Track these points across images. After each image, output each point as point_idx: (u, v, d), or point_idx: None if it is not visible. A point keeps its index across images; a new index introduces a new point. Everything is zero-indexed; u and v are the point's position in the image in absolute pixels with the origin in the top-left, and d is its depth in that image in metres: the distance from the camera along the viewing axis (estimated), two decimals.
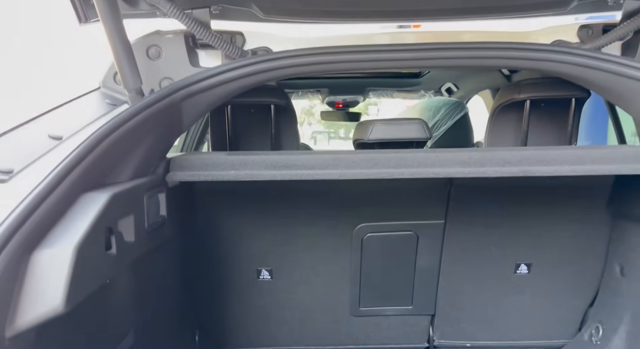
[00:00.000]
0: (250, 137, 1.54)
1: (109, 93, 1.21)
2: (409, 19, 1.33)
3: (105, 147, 0.88)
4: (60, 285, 0.63)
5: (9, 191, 0.73)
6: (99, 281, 0.77)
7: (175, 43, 1.25)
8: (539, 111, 1.48)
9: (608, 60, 1.14)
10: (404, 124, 1.53)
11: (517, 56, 1.20)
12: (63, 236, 0.68)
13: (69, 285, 0.63)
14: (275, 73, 1.23)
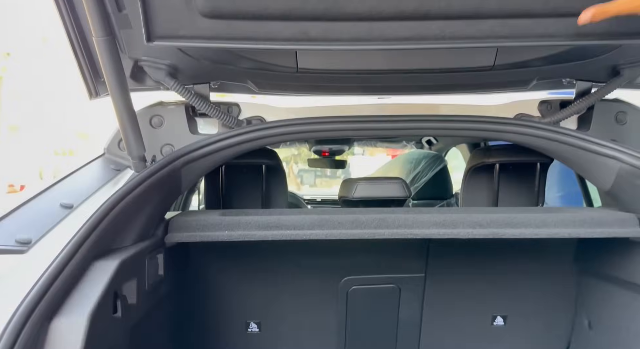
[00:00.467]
0: (242, 194, 1.64)
1: (113, 159, 1.31)
2: (387, 92, 1.48)
3: (113, 216, 0.96)
4: None
5: (28, 262, 0.81)
6: (106, 345, 0.84)
7: (176, 113, 1.37)
8: (508, 173, 1.62)
9: (563, 133, 1.28)
10: (385, 184, 1.65)
11: (485, 128, 1.35)
12: (78, 304, 0.76)
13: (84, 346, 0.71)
14: (268, 140, 1.35)
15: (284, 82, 1.42)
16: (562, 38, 1.07)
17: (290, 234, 1.21)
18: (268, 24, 1.06)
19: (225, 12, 1.03)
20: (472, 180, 1.67)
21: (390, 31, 1.07)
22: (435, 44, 1.09)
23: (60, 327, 0.72)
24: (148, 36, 1.04)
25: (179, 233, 1.21)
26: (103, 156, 1.32)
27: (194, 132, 1.38)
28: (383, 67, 1.36)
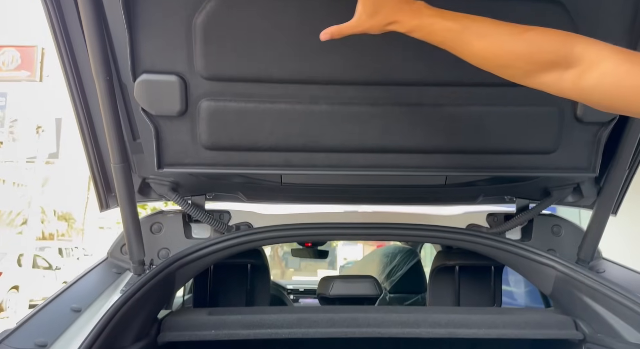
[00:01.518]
0: (228, 291, 1.79)
1: (115, 263, 1.48)
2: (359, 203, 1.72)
3: (117, 320, 1.12)
4: None
5: None
6: None
7: (174, 221, 1.57)
8: (467, 275, 1.81)
9: (507, 243, 1.50)
10: (359, 283, 1.83)
11: (442, 236, 1.56)
12: None
13: None
14: (254, 244, 1.55)
15: (269, 193, 1.65)
16: (496, 170, 1.34)
17: (271, 333, 1.36)
18: (258, 154, 1.30)
19: (224, 145, 1.28)
20: (436, 280, 1.86)
21: (355, 160, 1.33)
22: (392, 171, 1.34)
23: None
24: (159, 164, 1.27)
25: (170, 332, 1.34)
26: (106, 260, 1.49)
27: (188, 237, 1.57)
28: (354, 183, 1.61)
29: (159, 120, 1.24)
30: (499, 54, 0.81)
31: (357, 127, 1.25)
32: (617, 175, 1.34)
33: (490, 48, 0.81)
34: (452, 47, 0.84)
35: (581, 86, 0.76)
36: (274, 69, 1.16)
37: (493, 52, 0.81)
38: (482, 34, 0.81)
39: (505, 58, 0.81)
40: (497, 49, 0.81)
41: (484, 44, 0.81)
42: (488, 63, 0.83)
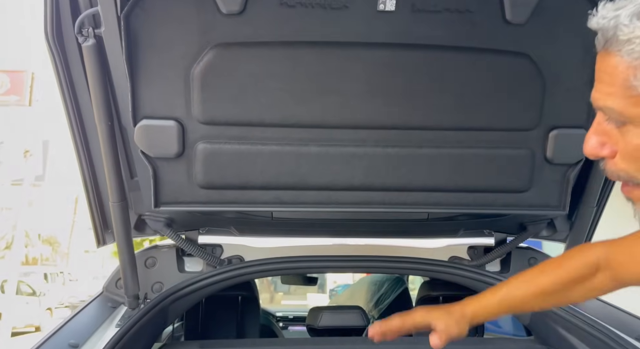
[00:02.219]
0: (218, 323, 1.83)
1: (111, 297, 1.52)
2: (347, 236, 1.79)
3: None
4: None
5: None
6: None
7: (168, 255, 1.62)
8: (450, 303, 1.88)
9: (486, 276, 1.58)
10: (346, 314, 1.88)
11: (424, 268, 1.64)
12: None
13: None
14: (246, 277, 1.61)
15: (260, 227, 1.71)
16: (474, 207, 1.42)
17: None
18: (250, 192, 1.38)
19: (218, 184, 1.35)
20: None
21: (342, 197, 1.40)
22: (377, 208, 1.42)
23: None
24: (156, 203, 1.33)
25: None
26: (102, 294, 1.53)
27: (181, 271, 1.62)
28: (341, 217, 1.68)
29: (156, 162, 1.31)
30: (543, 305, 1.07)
31: (343, 167, 1.34)
32: (587, 211, 1.43)
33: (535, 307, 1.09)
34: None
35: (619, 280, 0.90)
36: (266, 114, 1.25)
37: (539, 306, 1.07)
38: (517, 307, 1.03)
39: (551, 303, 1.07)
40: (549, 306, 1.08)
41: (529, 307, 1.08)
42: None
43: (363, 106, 1.25)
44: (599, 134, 0.63)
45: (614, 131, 0.61)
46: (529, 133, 1.27)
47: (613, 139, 0.62)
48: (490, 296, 1.00)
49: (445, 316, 0.97)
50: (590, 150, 0.64)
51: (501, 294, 1.00)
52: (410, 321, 0.99)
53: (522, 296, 0.98)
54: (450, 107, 1.25)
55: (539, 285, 0.97)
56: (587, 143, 0.65)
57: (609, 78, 0.58)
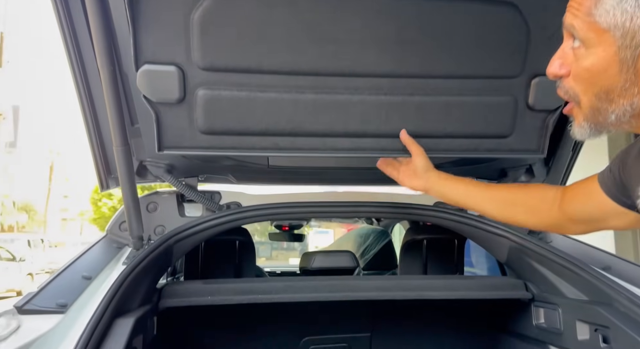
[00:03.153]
0: (217, 266, 1.92)
1: (115, 239, 1.59)
2: (338, 184, 1.89)
3: (126, 286, 1.24)
4: None
5: (69, 319, 1.08)
6: None
7: (169, 200, 1.68)
8: (434, 247, 2.02)
9: (468, 218, 1.70)
10: (337, 256, 2.00)
11: (411, 213, 1.75)
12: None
13: None
14: (243, 221, 1.69)
15: (257, 175, 1.79)
16: (459, 152, 1.52)
17: (262, 298, 1.51)
18: (249, 138, 1.44)
19: (218, 130, 1.41)
20: (407, 253, 2.05)
21: (338, 144, 1.48)
22: (370, 154, 1.50)
23: None
24: (159, 147, 1.39)
25: (170, 299, 1.47)
26: (106, 237, 1.60)
27: (182, 215, 1.70)
28: (334, 165, 1.77)
29: (159, 107, 1.35)
30: (496, 216, 1.27)
31: (339, 114, 1.41)
32: (563, 156, 1.55)
33: (490, 214, 1.26)
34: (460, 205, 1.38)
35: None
36: (264, 61, 1.30)
37: (492, 215, 1.27)
38: (479, 204, 1.27)
39: (504, 217, 1.24)
40: (495, 214, 1.26)
41: (484, 211, 1.28)
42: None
43: (357, 54, 1.31)
44: (559, 58, 0.75)
45: (570, 54, 0.73)
46: (513, 80, 1.36)
47: (569, 60, 0.73)
48: (458, 182, 1.32)
49: (426, 165, 1.36)
50: (552, 70, 0.76)
51: (466, 185, 1.30)
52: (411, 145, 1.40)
53: (482, 193, 1.25)
54: (439, 55, 1.32)
55: (501, 190, 1.26)
56: (550, 65, 0.76)
57: (577, 4, 0.71)
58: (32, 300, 1.08)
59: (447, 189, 1.32)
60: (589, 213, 1.01)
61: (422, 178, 1.35)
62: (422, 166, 1.36)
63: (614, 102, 0.69)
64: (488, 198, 1.23)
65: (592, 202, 0.98)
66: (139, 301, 1.33)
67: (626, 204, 0.90)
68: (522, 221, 1.19)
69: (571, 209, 1.05)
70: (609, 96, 0.69)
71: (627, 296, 1.19)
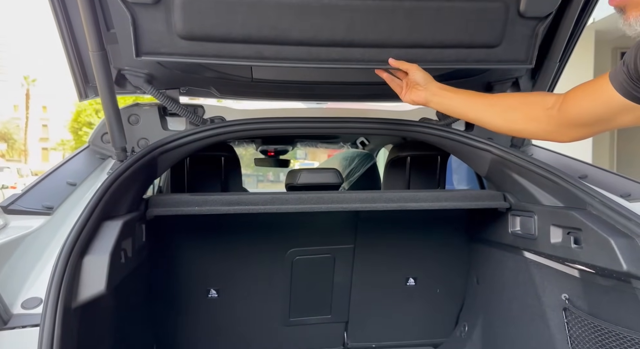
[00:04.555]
0: (203, 181, 1.94)
1: (97, 150, 1.57)
2: (324, 99, 1.86)
3: (112, 191, 1.25)
4: (103, 277, 0.99)
5: (56, 221, 1.09)
6: (118, 278, 1.12)
7: (150, 113, 1.65)
8: (417, 163, 2.05)
9: (452, 133, 1.71)
10: (323, 172, 2.02)
11: (397, 128, 1.75)
12: (101, 248, 1.04)
13: (107, 277, 1.00)
14: (227, 135, 1.67)
15: (241, 89, 1.75)
16: (448, 63, 1.49)
17: (248, 209, 1.54)
18: (231, 45, 1.38)
19: (198, 35, 1.35)
20: (391, 170, 2.09)
21: (324, 54, 1.44)
22: (357, 65, 1.47)
23: (90, 262, 1.00)
24: (137, 52, 1.33)
25: (157, 208, 1.49)
26: (88, 148, 1.58)
27: (165, 128, 1.67)
28: (320, 79, 1.73)
29: (134, 8, 1.28)
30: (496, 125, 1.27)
31: (325, 21, 1.35)
32: (550, 68, 1.54)
33: (489, 122, 1.27)
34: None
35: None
36: None
37: (492, 124, 1.27)
38: (479, 112, 1.28)
39: (504, 125, 1.25)
40: (494, 123, 1.26)
41: (484, 120, 1.28)
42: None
43: None
44: None
45: None
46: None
47: None
48: (458, 91, 1.34)
49: (425, 77, 1.37)
50: None
51: (466, 94, 1.31)
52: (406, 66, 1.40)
53: (481, 101, 1.27)
54: None
55: (500, 98, 1.26)
56: None
57: None
58: (17, 201, 1.09)
59: (447, 99, 1.32)
60: (594, 113, 1.02)
61: (423, 90, 1.35)
62: (422, 78, 1.36)
63: None
64: (488, 106, 1.24)
65: (599, 100, 0.99)
66: (126, 208, 1.34)
67: (636, 98, 0.91)
68: (522, 128, 1.20)
69: (574, 112, 1.05)
70: None
71: (600, 200, 1.24)
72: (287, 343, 2.00)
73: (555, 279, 1.43)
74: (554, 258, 1.41)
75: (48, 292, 0.89)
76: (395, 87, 1.45)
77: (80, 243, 1.02)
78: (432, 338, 2.09)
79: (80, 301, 0.95)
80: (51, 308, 0.87)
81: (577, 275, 1.35)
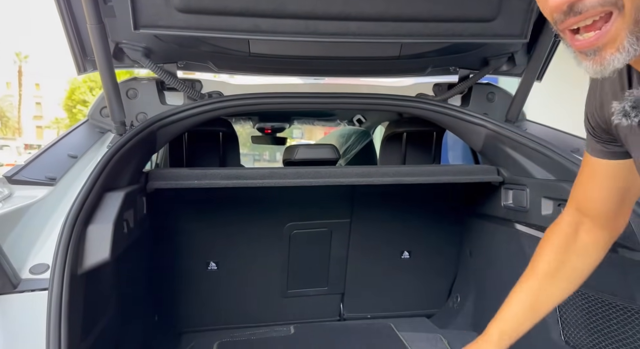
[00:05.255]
0: (202, 157, 1.96)
1: (97, 124, 1.59)
2: (321, 74, 1.87)
3: (114, 163, 1.27)
4: (107, 245, 1.02)
5: (59, 191, 1.12)
6: (121, 248, 1.16)
7: (149, 87, 1.66)
8: (413, 139, 2.07)
9: (448, 108, 1.73)
10: (320, 148, 2.04)
11: (394, 103, 1.76)
12: (104, 217, 1.07)
13: (111, 245, 1.03)
14: (225, 111, 1.68)
15: (238, 63, 1.75)
16: (444, 37, 1.50)
17: (247, 183, 1.56)
18: (228, 18, 1.38)
19: (195, 8, 1.35)
20: (387, 145, 2.11)
21: (321, 27, 1.44)
22: (354, 39, 1.47)
23: (94, 231, 1.03)
24: (135, 25, 1.33)
25: (157, 181, 1.51)
26: (87, 122, 1.59)
27: (163, 103, 1.68)
28: (317, 53, 1.74)
29: None
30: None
31: None
32: (545, 43, 1.55)
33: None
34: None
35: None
36: None
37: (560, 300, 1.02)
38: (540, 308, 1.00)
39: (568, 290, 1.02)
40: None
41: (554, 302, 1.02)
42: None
43: None
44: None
45: None
46: None
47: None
48: (509, 309, 1.01)
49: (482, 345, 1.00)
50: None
51: (510, 311, 1.01)
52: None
53: (530, 298, 1.00)
54: None
55: (536, 276, 1.00)
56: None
57: None
58: (21, 172, 1.11)
59: (514, 324, 1.01)
60: (615, 194, 0.90)
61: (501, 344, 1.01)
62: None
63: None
64: (540, 290, 1.00)
65: (607, 183, 0.88)
66: (127, 180, 1.37)
67: (614, 154, 0.83)
68: (585, 273, 1.01)
69: (602, 210, 0.93)
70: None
71: None
72: (285, 314, 2.06)
73: None
74: (544, 230, 1.45)
75: (55, 258, 0.92)
76: None
77: (84, 213, 1.04)
78: (426, 308, 2.15)
79: (85, 267, 0.99)
80: (59, 273, 0.90)
81: None
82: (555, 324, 1.43)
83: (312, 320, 2.09)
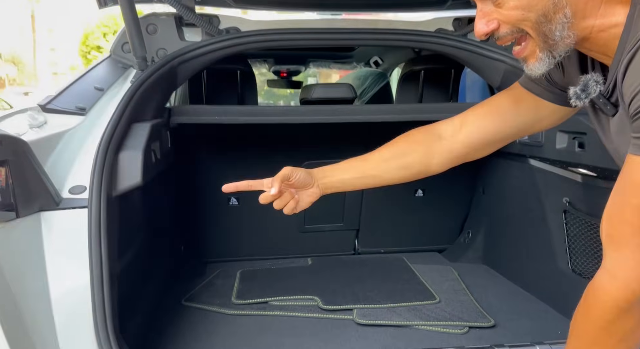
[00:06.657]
0: (220, 94, 1.99)
1: (119, 59, 1.61)
2: (339, 9, 1.84)
3: (138, 96, 1.31)
4: (139, 170, 1.08)
5: (90, 121, 1.17)
6: (149, 175, 1.23)
7: (167, 22, 1.66)
8: (430, 78, 2.06)
9: (469, 43, 1.71)
10: (337, 87, 2.05)
11: (413, 39, 1.74)
12: (134, 145, 1.13)
13: (142, 171, 1.10)
14: (244, 46, 1.69)
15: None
16: None
17: (266, 119, 1.60)
18: None
19: None
20: (404, 84, 2.11)
21: None
22: None
23: (125, 157, 1.10)
24: None
25: (180, 116, 1.56)
26: (110, 57, 1.62)
27: (182, 39, 1.69)
28: None
29: None
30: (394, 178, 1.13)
31: None
32: None
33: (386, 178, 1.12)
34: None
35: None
36: None
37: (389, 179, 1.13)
38: (370, 171, 1.10)
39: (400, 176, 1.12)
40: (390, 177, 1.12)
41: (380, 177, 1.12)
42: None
43: None
44: (482, 18, 0.78)
45: (490, 9, 0.77)
46: None
47: (493, 15, 0.77)
48: (337, 164, 1.14)
49: (293, 170, 1.07)
50: (481, 30, 0.78)
51: (346, 162, 1.14)
52: (280, 174, 1.06)
53: (368, 160, 1.12)
54: None
55: (384, 150, 1.13)
56: (476, 29, 0.79)
57: None
58: (53, 101, 1.16)
59: (329, 174, 1.12)
60: (517, 125, 1.01)
61: (314, 186, 1.10)
62: (305, 174, 1.09)
63: (553, 20, 0.73)
64: (379, 161, 1.10)
65: (521, 111, 0.98)
66: (151, 114, 1.42)
67: (558, 95, 0.92)
68: (423, 170, 1.11)
69: (487, 131, 1.04)
70: (547, 17, 0.73)
71: None
72: (303, 248, 2.16)
73: (557, 184, 1.51)
74: (557, 164, 1.47)
75: (92, 180, 0.99)
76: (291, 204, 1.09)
77: (115, 141, 1.10)
78: (438, 244, 2.23)
79: (119, 190, 1.06)
80: (96, 193, 0.98)
81: (579, 179, 1.42)
82: (564, 254, 1.49)
83: (328, 254, 2.19)
